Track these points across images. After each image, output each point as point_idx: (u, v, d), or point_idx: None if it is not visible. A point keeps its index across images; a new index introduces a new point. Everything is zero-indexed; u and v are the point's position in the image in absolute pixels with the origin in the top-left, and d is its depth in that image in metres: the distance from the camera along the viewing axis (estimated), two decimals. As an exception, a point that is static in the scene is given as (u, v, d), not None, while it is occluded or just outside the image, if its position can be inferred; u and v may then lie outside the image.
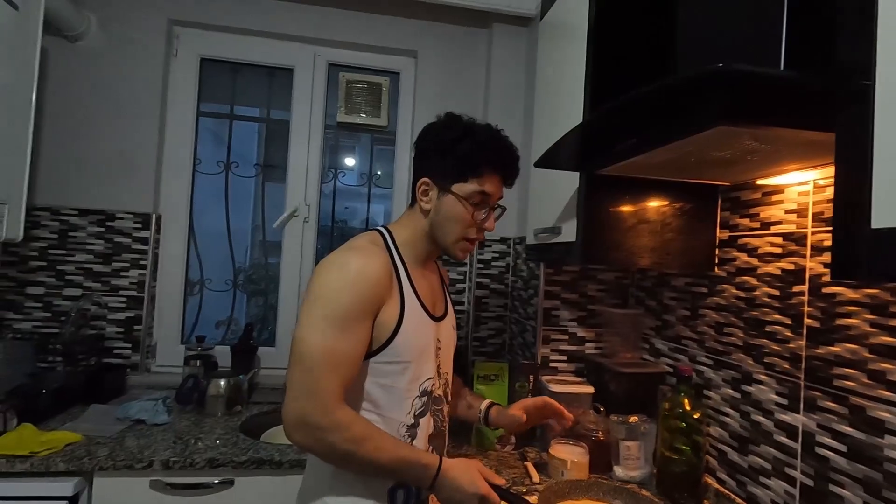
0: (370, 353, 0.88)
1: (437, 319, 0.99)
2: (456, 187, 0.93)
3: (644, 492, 1.11)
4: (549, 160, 1.11)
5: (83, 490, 1.21)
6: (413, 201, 0.99)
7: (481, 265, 1.97)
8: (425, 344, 0.94)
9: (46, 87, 1.74)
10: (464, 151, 0.92)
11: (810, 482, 0.93)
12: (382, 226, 1.00)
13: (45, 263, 1.75)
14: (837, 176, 0.53)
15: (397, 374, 0.90)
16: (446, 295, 1.09)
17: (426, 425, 0.94)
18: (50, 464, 1.18)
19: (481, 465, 0.90)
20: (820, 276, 0.95)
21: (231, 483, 1.26)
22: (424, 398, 0.94)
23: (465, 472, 0.87)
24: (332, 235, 2.07)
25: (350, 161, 2.16)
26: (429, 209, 0.95)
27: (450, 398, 1.04)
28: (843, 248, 0.52)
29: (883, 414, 0.81)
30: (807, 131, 0.65)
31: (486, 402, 1.15)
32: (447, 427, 1.02)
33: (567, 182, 1.26)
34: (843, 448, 0.87)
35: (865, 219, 0.49)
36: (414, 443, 0.92)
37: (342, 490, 0.90)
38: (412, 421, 0.92)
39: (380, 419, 0.90)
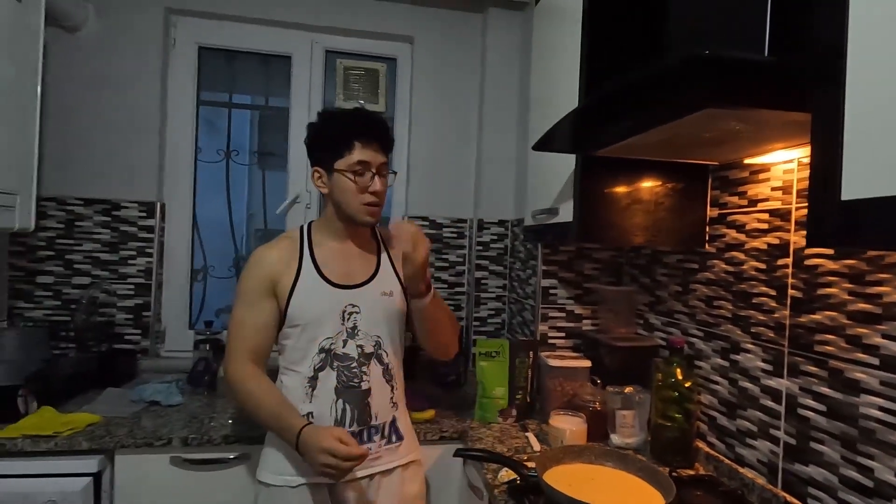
0: (280, 321, 1.09)
1: (348, 287, 1.11)
2: (338, 164, 1.07)
3: (639, 456, 1.16)
4: (546, 143, 1.16)
5: (106, 467, 1.26)
6: None
7: (480, 247, 2.02)
8: (323, 309, 1.09)
9: (47, 78, 1.74)
10: (332, 132, 1.09)
11: (793, 441, 1.00)
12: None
13: (53, 253, 1.78)
14: (813, 152, 0.58)
15: (296, 334, 1.09)
16: (379, 264, 1.17)
17: (326, 378, 1.09)
18: (73, 443, 1.23)
19: (344, 433, 0.97)
20: (803, 249, 1.00)
21: (248, 457, 1.32)
22: (322, 355, 1.09)
23: (321, 436, 0.96)
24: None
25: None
26: (327, 192, 1.12)
27: (386, 359, 1.13)
28: (816, 218, 0.57)
29: (859, 375, 0.87)
30: (788, 112, 0.70)
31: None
32: (364, 383, 1.10)
33: (564, 165, 1.30)
34: (823, 408, 0.93)
35: (837, 191, 0.54)
36: (314, 392, 1.08)
37: (279, 444, 1.07)
38: (311, 374, 1.08)
39: (291, 372, 1.10)
